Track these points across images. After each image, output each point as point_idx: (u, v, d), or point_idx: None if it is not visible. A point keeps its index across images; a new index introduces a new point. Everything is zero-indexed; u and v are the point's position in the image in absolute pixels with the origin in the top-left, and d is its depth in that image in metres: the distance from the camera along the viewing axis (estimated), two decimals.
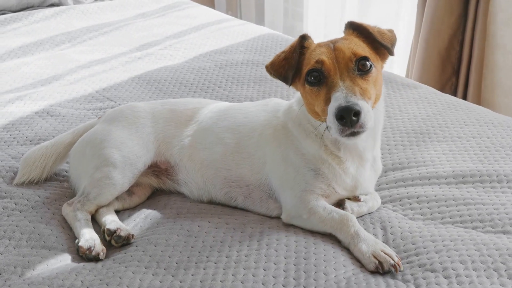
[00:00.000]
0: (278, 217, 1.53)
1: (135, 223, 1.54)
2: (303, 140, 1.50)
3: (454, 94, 3.38)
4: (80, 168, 1.60)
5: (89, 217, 1.51)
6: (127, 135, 1.59)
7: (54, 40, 2.86)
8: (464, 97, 3.32)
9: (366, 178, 1.53)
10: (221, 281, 1.27)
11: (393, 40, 1.48)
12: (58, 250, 1.43)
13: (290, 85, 1.48)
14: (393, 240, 1.43)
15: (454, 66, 3.34)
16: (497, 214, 1.49)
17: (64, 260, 1.40)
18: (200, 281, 1.28)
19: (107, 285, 1.27)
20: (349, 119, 1.29)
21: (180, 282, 1.28)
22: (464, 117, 2.02)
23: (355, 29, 1.49)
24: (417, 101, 2.17)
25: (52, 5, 3.36)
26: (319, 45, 1.45)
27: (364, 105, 1.32)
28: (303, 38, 1.48)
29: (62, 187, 1.67)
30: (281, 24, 4.56)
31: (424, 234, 1.43)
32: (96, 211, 1.53)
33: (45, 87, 2.35)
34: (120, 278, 1.29)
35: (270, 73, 1.49)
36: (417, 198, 1.59)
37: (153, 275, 1.31)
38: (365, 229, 1.47)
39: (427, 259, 1.34)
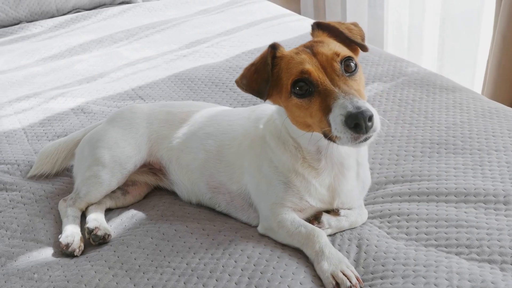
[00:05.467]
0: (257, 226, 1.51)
1: (121, 222, 1.60)
2: (281, 153, 1.45)
3: None
4: (78, 166, 1.69)
5: (78, 214, 1.60)
6: (121, 135, 1.65)
7: (113, 38, 3.01)
8: None
9: (348, 188, 1.45)
10: None
11: (362, 35, 1.41)
12: (44, 243, 1.53)
13: (265, 100, 1.38)
14: (365, 259, 1.36)
15: None
16: (488, 241, 1.36)
17: (46, 253, 1.50)
18: (152, 286, 1.31)
19: (67, 282, 1.34)
20: (364, 125, 1.21)
21: (134, 285, 1.32)
22: (496, 127, 1.84)
23: (324, 29, 1.42)
24: (448, 107, 2.01)
25: (123, 2, 3.53)
26: (295, 52, 1.37)
27: (371, 108, 1.24)
28: (273, 47, 1.37)
29: (69, 183, 1.78)
30: (366, 14, 4.42)
31: (399, 256, 1.34)
32: (86, 208, 1.61)
33: (90, 84, 2.50)
34: (81, 276, 1.36)
35: (242, 88, 1.38)
36: (408, 215, 1.49)
37: (113, 276, 1.36)
38: (340, 245, 1.41)
39: (390, 284, 1.26)
